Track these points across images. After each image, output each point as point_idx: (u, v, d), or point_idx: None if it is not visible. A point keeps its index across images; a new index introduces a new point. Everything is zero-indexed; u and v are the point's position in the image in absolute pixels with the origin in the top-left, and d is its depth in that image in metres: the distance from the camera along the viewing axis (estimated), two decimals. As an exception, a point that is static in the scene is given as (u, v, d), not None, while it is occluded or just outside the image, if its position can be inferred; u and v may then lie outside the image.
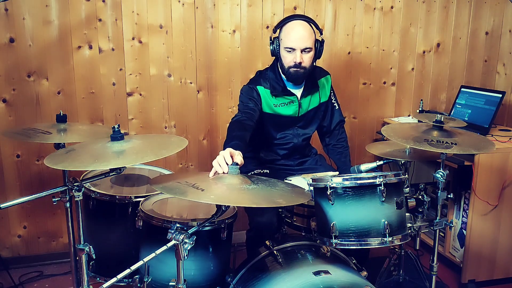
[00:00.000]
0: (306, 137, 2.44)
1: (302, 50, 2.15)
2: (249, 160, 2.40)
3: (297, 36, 2.14)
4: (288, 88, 2.30)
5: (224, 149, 1.76)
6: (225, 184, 1.60)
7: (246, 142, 2.00)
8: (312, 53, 2.20)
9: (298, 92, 2.34)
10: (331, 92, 2.46)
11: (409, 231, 1.82)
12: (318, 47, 2.24)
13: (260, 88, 2.28)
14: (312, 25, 2.20)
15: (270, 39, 2.25)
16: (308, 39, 2.15)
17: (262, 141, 2.41)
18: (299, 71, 2.19)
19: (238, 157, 1.71)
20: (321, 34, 2.26)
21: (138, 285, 1.87)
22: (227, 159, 1.67)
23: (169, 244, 1.49)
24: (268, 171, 2.33)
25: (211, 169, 1.68)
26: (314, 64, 2.30)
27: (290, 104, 2.32)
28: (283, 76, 2.29)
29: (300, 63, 2.16)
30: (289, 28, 2.16)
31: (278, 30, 2.22)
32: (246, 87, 2.31)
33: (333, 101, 2.47)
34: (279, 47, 2.21)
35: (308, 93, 2.35)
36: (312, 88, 2.35)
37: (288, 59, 2.18)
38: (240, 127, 2.06)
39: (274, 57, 2.32)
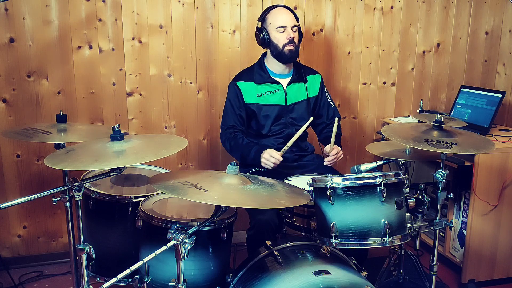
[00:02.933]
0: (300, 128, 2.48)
1: (292, 28, 2.37)
2: None
3: (285, 16, 2.38)
4: (273, 77, 2.45)
5: (247, 153, 2.25)
6: (225, 184, 1.60)
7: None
8: (298, 33, 2.42)
9: (284, 81, 2.47)
10: (323, 91, 2.60)
11: (409, 231, 1.82)
12: (299, 32, 2.46)
13: (240, 84, 2.44)
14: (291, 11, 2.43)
15: (258, 29, 2.42)
16: (293, 19, 2.41)
17: (257, 135, 2.47)
18: (293, 49, 2.38)
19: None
20: (298, 20, 2.46)
21: (138, 285, 1.87)
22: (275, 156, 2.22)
23: (169, 244, 1.49)
24: (265, 170, 2.34)
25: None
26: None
27: (276, 93, 2.45)
28: (268, 67, 2.47)
29: (293, 38, 2.36)
30: (276, 11, 2.40)
31: (263, 19, 2.41)
32: (231, 87, 2.48)
33: (328, 100, 2.60)
34: (268, 33, 2.38)
35: (294, 82, 2.48)
36: (299, 79, 2.50)
37: (282, 39, 2.36)
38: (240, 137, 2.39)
39: (261, 54, 2.52)
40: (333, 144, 2.31)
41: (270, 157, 2.23)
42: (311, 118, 2.23)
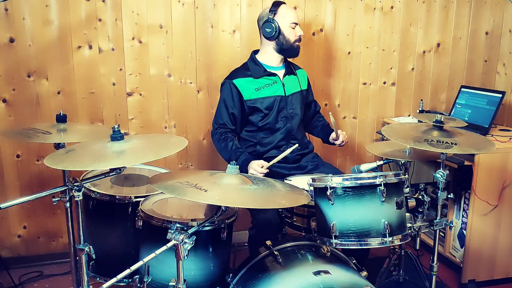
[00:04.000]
0: (299, 121, 2.54)
1: (299, 26, 2.45)
2: None
3: (296, 14, 2.46)
4: (269, 70, 2.47)
5: (234, 159, 2.13)
6: (226, 184, 1.60)
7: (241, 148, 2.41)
8: None
9: (280, 73, 2.50)
10: (310, 85, 2.67)
11: (409, 231, 1.82)
12: None
13: (237, 81, 2.44)
14: None
15: (268, 21, 2.40)
16: None
17: (258, 131, 2.47)
18: (299, 45, 2.48)
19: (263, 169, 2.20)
20: None
21: (138, 285, 1.87)
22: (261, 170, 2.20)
23: (169, 244, 1.49)
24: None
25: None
26: None
27: (274, 84, 2.47)
28: (261, 62, 2.48)
29: (301, 36, 2.45)
30: (286, 7, 2.45)
31: (275, 12, 2.41)
32: (225, 85, 2.46)
33: (312, 93, 2.70)
34: (278, 25, 2.40)
35: (289, 74, 2.52)
36: (291, 71, 2.55)
37: (293, 34, 2.42)
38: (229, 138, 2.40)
39: (251, 52, 2.55)
40: (336, 130, 2.44)
41: (257, 171, 2.20)
42: (296, 145, 2.26)
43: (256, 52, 2.54)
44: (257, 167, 2.22)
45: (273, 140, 2.45)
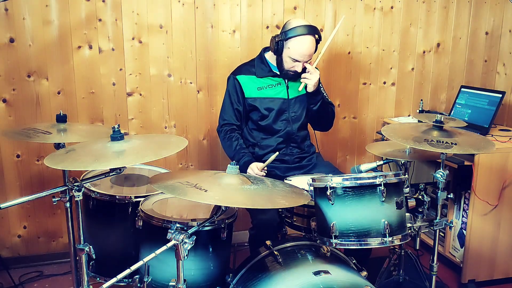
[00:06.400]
0: (301, 124, 2.48)
1: (304, 62, 2.32)
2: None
3: (305, 53, 2.29)
4: (274, 71, 2.42)
5: (237, 160, 2.19)
6: (226, 184, 1.60)
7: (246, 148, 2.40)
8: (308, 62, 2.36)
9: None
10: (320, 85, 2.50)
11: (409, 231, 1.82)
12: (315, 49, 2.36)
13: (240, 78, 2.42)
14: (317, 36, 2.32)
15: (276, 37, 2.30)
16: (312, 54, 2.33)
17: (259, 130, 2.45)
18: (293, 74, 2.37)
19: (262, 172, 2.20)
20: (319, 42, 2.34)
21: (138, 285, 1.87)
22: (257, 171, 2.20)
23: (169, 244, 1.50)
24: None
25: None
26: None
27: (278, 86, 2.43)
28: (269, 61, 2.43)
29: (297, 70, 2.34)
30: (299, 42, 2.28)
31: (286, 36, 2.28)
32: (230, 80, 2.44)
33: (324, 94, 2.53)
34: (282, 50, 2.31)
35: (296, 76, 2.40)
36: (299, 73, 2.39)
37: (290, 65, 2.34)
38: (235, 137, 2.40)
39: (262, 49, 2.51)
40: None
41: (254, 172, 2.22)
42: (277, 153, 2.20)
43: (267, 49, 2.47)
44: (255, 168, 2.22)
45: (272, 143, 2.44)
